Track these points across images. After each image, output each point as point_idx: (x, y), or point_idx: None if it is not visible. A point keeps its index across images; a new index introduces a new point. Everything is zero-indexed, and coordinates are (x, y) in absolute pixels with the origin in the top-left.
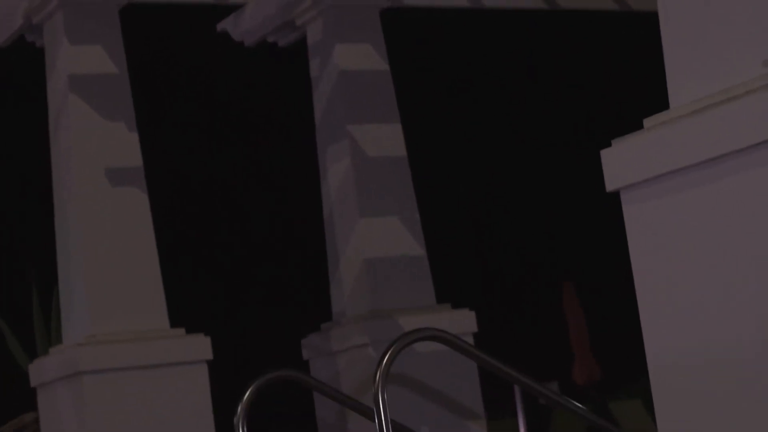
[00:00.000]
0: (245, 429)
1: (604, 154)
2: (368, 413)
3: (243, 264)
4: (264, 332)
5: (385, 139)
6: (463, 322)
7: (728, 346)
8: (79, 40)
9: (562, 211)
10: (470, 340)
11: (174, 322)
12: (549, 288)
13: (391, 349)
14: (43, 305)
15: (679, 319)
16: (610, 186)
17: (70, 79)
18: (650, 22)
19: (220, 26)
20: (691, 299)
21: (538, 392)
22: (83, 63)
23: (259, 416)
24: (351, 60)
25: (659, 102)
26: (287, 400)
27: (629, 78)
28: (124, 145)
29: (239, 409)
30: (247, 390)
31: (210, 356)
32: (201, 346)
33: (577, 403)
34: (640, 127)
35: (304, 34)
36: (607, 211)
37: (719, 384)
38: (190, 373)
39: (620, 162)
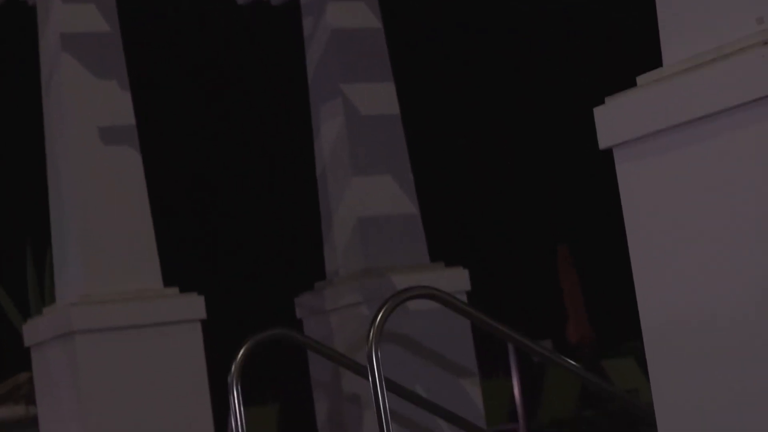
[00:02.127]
0: (239, 388)
1: (597, 111)
2: (362, 371)
3: (236, 224)
4: (257, 291)
5: (379, 97)
6: (456, 280)
7: (723, 305)
8: None
9: (557, 172)
10: (464, 298)
11: (167, 282)
12: (543, 248)
13: (385, 308)
14: (37, 265)
15: (673, 278)
16: (603, 144)
17: (62, 37)
18: None
19: None
20: (685, 257)
21: (532, 350)
22: (75, 21)
23: (253, 375)
24: (344, 18)
25: (652, 60)
26: (281, 359)
27: (621, 35)
28: (117, 104)
29: (233, 368)
30: (240, 349)
31: (204, 315)
32: (195, 305)
33: (570, 361)
34: (634, 84)
35: None
36: (602, 172)
37: (713, 343)
38: (183, 332)
39: (613, 119)
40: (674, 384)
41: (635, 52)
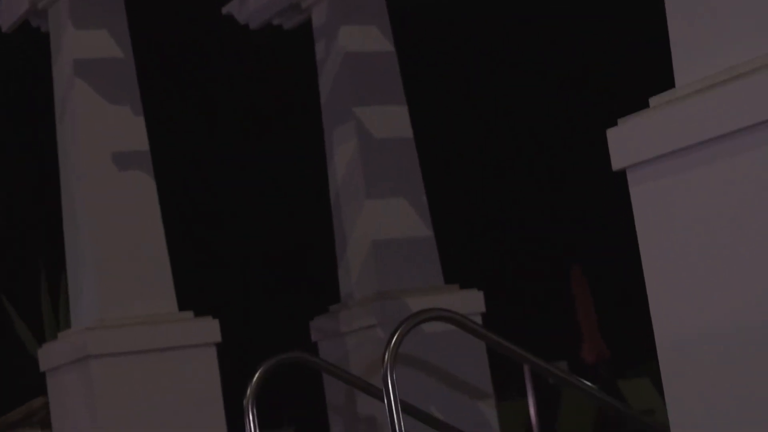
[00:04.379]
0: (255, 411)
1: (610, 133)
2: (377, 394)
3: (251, 247)
4: (272, 315)
5: (392, 120)
6: (471, 302)
7: (737, 325)
8: (84, 25)
9: (571, 193)
10: (479, 320)
11: (182, 306)
12: (557, 268)
13: (400, 330)
14: (52, 290)
15: (688, 298)
16: (616, 165)
17: (75, 63)
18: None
19: (225, 9)
20: (699, 277)
21: (547, 371)
22: (89, 47)
23: (269, 398)
24: (356, 42)
25: (665, 81)
26: (296, 382)
27: (634, 57)
28: (131, 129)
29: (249, 391)
30: (256, 372)
31: (219, 339)
32: (210, 329)
33: (586, 382)
34: (646, 106)
35: (309, 16)
36: (616, 192)
37: (728, 362)
38: (199, 356)
39: (626, 141)
40: (689, 402)
41: (649, 72)
